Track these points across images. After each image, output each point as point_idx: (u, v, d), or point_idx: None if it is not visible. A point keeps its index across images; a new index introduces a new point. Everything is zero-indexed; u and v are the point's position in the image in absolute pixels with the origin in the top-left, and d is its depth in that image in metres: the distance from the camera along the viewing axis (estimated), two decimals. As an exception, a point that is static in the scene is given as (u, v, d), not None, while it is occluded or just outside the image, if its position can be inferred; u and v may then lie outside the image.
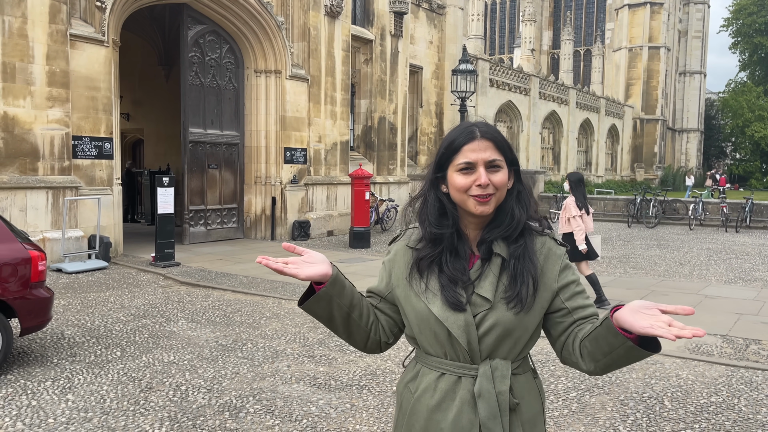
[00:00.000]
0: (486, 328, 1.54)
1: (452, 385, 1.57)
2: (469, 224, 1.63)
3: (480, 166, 1.55)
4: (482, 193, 1.54)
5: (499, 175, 1.57)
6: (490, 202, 1.56)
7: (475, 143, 1.57)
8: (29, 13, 9.87)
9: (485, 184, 1.54)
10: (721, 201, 18.97)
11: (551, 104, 34.65)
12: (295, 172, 15.11)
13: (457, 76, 16.89)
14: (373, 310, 1.72)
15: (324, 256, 1.61)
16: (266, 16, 13.99)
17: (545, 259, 1.62)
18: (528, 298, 1.55)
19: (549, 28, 53.50)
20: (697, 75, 54.20)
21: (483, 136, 1.58)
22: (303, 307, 1.63)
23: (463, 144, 1.58)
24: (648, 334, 1.32)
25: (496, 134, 1.59)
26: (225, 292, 8.91)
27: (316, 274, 1.56)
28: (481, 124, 1.62)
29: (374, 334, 1.72)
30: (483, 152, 1.56)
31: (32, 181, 10.05)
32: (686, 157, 53.87)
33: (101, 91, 11.03)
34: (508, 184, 1.60)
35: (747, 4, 52.06)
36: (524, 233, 1.61)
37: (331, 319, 1.66)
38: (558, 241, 1.67)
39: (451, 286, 1.57)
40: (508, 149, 1.60)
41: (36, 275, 5.40)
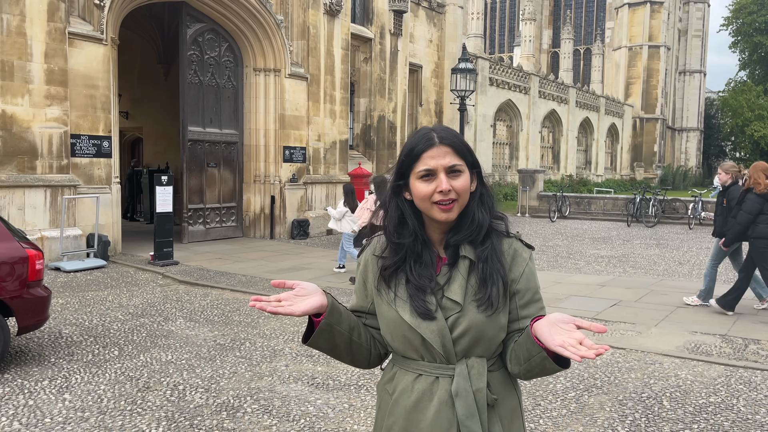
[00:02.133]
0: (460, 332, 1.55)
1: (429, 386, 1.58)
2: (435, 229, 1.63)
3: (440, 172, 1.54)
4: (444, 199, 1.54)
5: (461, 180, 1.56)
6: (453, 208, 1.56)
7: (434, 150, 1.56)
8: (28, 11, 9.85)
9: (446, 190, 1.53)
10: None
11: (551, 103, 34.64)
12: (295, 171, 15.09)
13: (457, 75, 16.87)
14: (365, 327, 1.71)
15: (315, 285, 1.57)
16: (265, 14, 13.96)
17: (512, 259, 1.63)
18: (498, 300, 1.56)
19: (549, 26, 53.45)
20: (697, 74, 54.19)
21: (441, 142, 1.57)
22: (308, 344, 1.62)
23: (422, 151, 1.57)
24: (558, 352, 1.35)
25: (455, 138, 1.59)
26: (224, 291, 8.89)
27: (311, 308, 1.52)
28: (439, 128, 1.61)
29: (374, 350, 1.72)
30: (442, 158, 1.55)
31: (30, 179, 10.04)
32: (686, 156, 53.87)
33: (100, 89, 11.00)
34: (471, 188, 1.60)
35: (747, 3, 51.98)
36: (491, 235, 1.62)
37: (335, 348, 1.64)
38: (525, 243, 1.67)
39: (418, 294, 1.57)
40: (468, 153, 1.60)
41: (33, 274, 5.39)
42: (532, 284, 1.64)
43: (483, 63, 27.59)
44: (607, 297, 8.58)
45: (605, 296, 8.61)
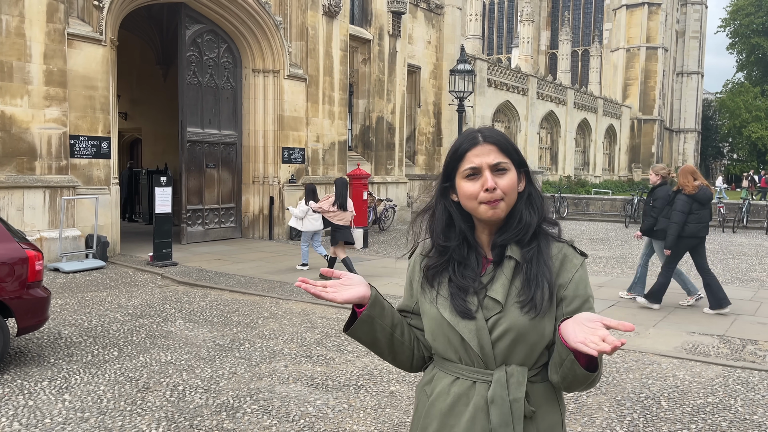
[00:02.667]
0: (499, 333, 1.52)
1: (466, 390, 1.56)
2: (483, 229, 1.61)
3: (485, 170, 1.54)
4: (490, 198, 1.52)
5: (507, 178, 1.55)
6: (499, 205, 1.54)
7: (478, 148, 1.56)
8: (27, 12, 9.85)
9: (491, 187, 1.52)
10: (718, 201, 19.01)
11: (549, 104, 34.69)
12: (293, 172, 15.10)
13: (455, 76, 16.90)
14: (410, 328, 1.71)
15: (362, 277, 1.61)
16: (264, 15, 13.98)
17: (561, 265, 1.57)
18: (543, 303, 1.51)
19: (547, 28, 53.54)
20: (695, 75, 54.32)
21: (486, 140, 1.56)
22: (348, 333, 1.64)
23: (467, 150, 1.57)
24: (578, 349, 1.31)
25: (500, 137, 1.58)
26: (222, 291, 8.90)
27: (354, 297, 1.55)
28: (484, 129, 1.61)
29: (417, 351, 1.71)
30: (487, 156, 1.54)
31: (29, 180, 10.04)
32: (683, 157, 53.97)
33: (99, 90, 11.01)
34: (519, 187, 1.58)
35: (744, 5, 52.15)
36: (538, 237, 1.58)
37: (375, 342, 1.65)
38: (578, 250, 1.61)
39: (459, 294, 1.56)
40: (514, 151, 1.58)
41: (33, 275, 5.40)
42: (582, 291, 1.56)
43: (481, 64, 27.63)
44: (605, 297, 8.60)
45: (604, 297, 8.64)
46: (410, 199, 21.30)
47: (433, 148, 24.14)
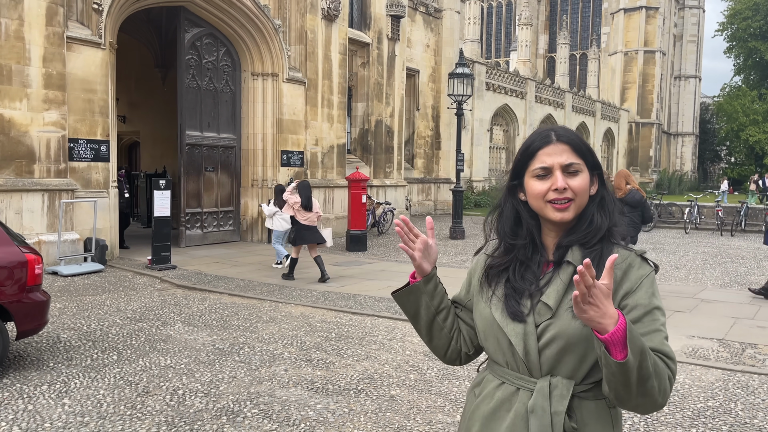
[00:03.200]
0: (547, 339, 1.46)
1: (509, 396, 1.52)
2: (550, 232, 1.57)
3: (556, 170, 1.50)
4: (559, 197, 1.49)
5: (578, 180, 1.50)
6: (569, 207, 1.50)
7: (550, 147, 1.52)
8: (26, 16, 9.85)
9: (562, 188, 1.48)
10: (716, 205, 19.04)
11: (547, 108, 34.75)
12: (292, 175, 15.08)
13: (454, 80, 16.91)
14: (456, 319, 1.72)
15: (436, 255, 1.66)
16: (263, 19, 13.99)
17: (623, 274, 1.48)
18: None
19: (545, 31, 53.65)
20: (692, 79, 54.46)
21: (559, 140, 1.53)
22: (394, 296, 1.69)
23: (538, 148, 1.53)
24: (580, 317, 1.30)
25: (575, 137, 1.54)
26: (221, 295, 8.89)
27: (423, 267, 1.62)
28: (558, 128, 1.57)
29: (455, 343, 1.71)
30: (559, 156, 1.51)
31: (28, 183, 10.02)
32: (681, 160, 54.08)
33: (98, 93, 11.01)
34: (591, 190, 1.54)
35: (742, 9, 52.27)
36: (603, 242, 1.52)
37: (417, 316, 1.68)
38: (648, 261, 1.52)
39: (514, 295, 1.54)
40: (588, 153, 1.54)
41: (32, 279, 5.38)
42: (644, 301, 1.45)
43: (479, 68, 27.67)
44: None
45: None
46: (409, 203, 21.31)
47: (431, 151, 24.16)
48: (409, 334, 6.80)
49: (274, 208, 10.82)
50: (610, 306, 1.29)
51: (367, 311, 7.91)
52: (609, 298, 1.29)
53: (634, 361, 1.28)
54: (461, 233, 16.41)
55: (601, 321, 1.29)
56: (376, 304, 8.37)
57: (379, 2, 17.87)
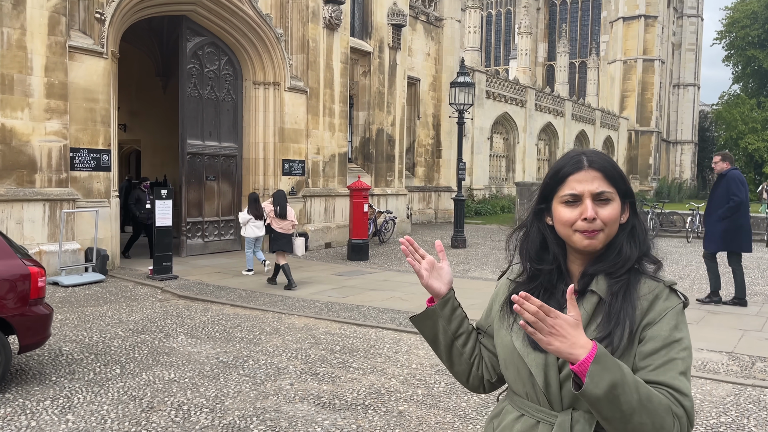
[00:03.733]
0: (569, 371, 1.38)
1: (529, 429, 1.48)
2: (576, 260, 1.52)
3: (586, 198, 1.45)
4: (588, 228, 1.43)
5: (609, 209, 1.45)
6: (597, 236, 1.44)
7: (581, 173, 1.47)
8: (28, 25, 9.82)
9: (591, 217, 1.43)
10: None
11: (547, 116, 34.79)
12: (294, 184, 15.06)
13: (455, 89, 16.91)
14: (479, 345, 1.68)
15: (452, 277, 1.64)
16: (265, 28, 13.99)
17: (649, 305, 1.43)
18: (621, 342, 1.37)
19: (544, 40, 53.82)
20: (691, 87, 54.60)
21: (591, 166, 1.47)
22: (412, 321, 1.67)
23: (569, 174, 1.48)
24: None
25: (607, 163, 1.49)
26: (224, 306, 8.82)
27: (433, 287, 1.60)
28: (590, 152, 1.52)
29: (476, 369, 1.67)
30: (590, 183, 1.45)
31: (29, 193, 9.96)
32: (680, 168, 54.14)
33: (100, 102, 10.97)
34: (621, 218, 1.49)
35: (740, 18, 52.47)
36: (630, 272, 1.46)
37: (436, 342, 1.65)
38: (677, 293, 1.46)
39: None
40: (620, 180, 1.49)
41: (35, 291, 5.32)
42: (664, 333, 1.39)
43: (480, 76, 27.71)
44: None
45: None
46: (410, 211, 21.26)
47: (432, 159, 24.15)
48: (414, 347, 6.73)
49: (247, 215, 11.13)
50: (579, 336, 1.28)
51: (371, 323, 7.84)
52: (577, 329, 1.29)
53: (603, 392, 1.24)
54: (463, 242, 16.35)
55: (572, 351, 1.27)
56: (380, 315, 8.31)
57: (380, 11, 17.89)
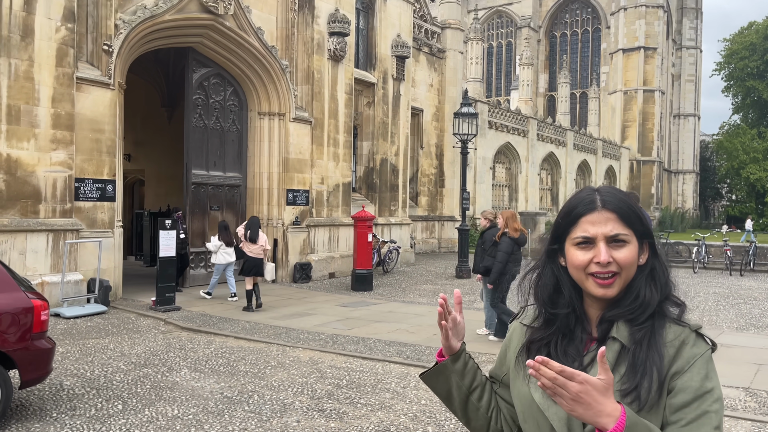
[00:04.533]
0: None
1: None
2: (592, 303, 1.43)
3: (600, 241, 1.36)
4: (602, 272, 1.36)
5: (625, 252, 1.36)
6: (613, 284, 1.36)
7: (594, 214, 1.39)
8: (36, 57, 9.89)
9: (605, 261, 1.34)
10: (724, 244, 18.88)
11: (549, 146, 34.91)
12: (298, 214, 15.01)
13: (459, 119, 16.99)
14: (495, 396, 1.59)
15: (465, 332, 1.58)
16: (271, 59, 14.10)
17: (676, 352, 1.34)
18: (649, 395, 1.29)
19: (545, 71, 54.37)
20: (692, 117, 54.93)
21: (605, 206, 1.39)
22: (422, 378, 1.60)
23: (581, 215, 1.40)
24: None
25: (622, 203, 1.40)
26: (227, 338, 8.68)
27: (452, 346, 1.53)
28: (604, 190, 1.44)
29: (495, 423, 1.57)
30: (604, 225, 1.37)
31: (33, 224, 9.90)
32: (683, 198, 54.11)
33: (105, 133, 10.99)
34: (639, 260, 1.40)
35: (738, 49, 53.08)
36: (654, 317, 1.37)
37: (450, 398, 1.58)
38: (704, 337, 1.37)
39: None
40: (637, 220, 1.40)
41: (38, 325, 5.22)
42: (694, 384, 1.30)
43: (482, 106, 27.88)
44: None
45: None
46: (413, 241, 21.16)
47: (435, 189, 24.15)
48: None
49: (218, 242, 11.41)
50: (607, 403, 1.19)
51: (377, 356, 7.69)
52: (606, 394, 1.19)
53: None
54: (467, 272, 16.22)
55: (598, 420, 1.18)
56: (386, 348, 8.16)
57: (384, 43, 18.07)
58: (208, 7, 12.51)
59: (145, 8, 11.58)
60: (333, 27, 15.40)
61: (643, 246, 1.41)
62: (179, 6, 12.13)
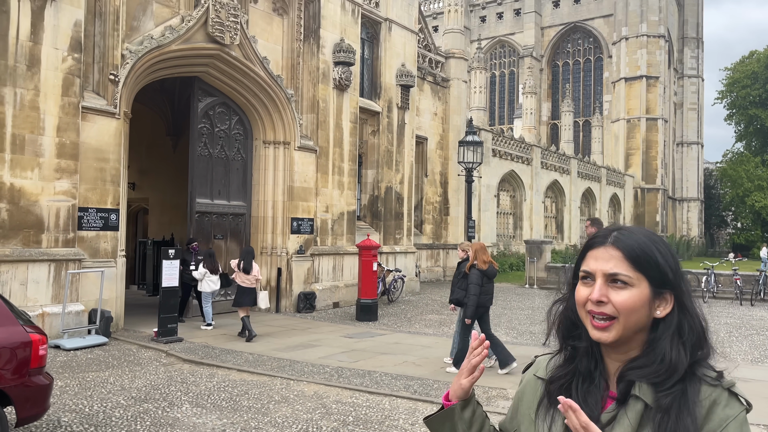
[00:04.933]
0: None
1: None
2: (607, 350, 1.33)
3: (598, 277, 1.29)
4: (596, 311, 1.27)
5: (624, 295, 1.26)
6: (608, 328, 1.26)
7: (600, 249, 1.32)
8: (42, 86, 9.89)
9: (595, 299, 1.27)
10: (734, 273, 18.65)
11: (553, 173, 34.88)
12: (302, 242, 14.88)
13: (464, 148, 16.97)
14: None
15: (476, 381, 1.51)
16: (276, 89, 14.13)
17: (706, 412, 1.22)
18: None
19: (548, 99, 54.69)
20: (695, 145, 55.01)
21: (614, 243, 1.31)
22: (426, 422, 1.50)
23: (589, 248, 1.35)
24: None
25: (636, 244, 1.29)
26: (230, 371, 8.48)
27: (464, 386, 1.44)
28: (626, 229, 1.35)
29: None
30: (605, 262, 1.29)
31: (35, 253, 9.79)
32: (688, 225, 53.87)
33: (110, 162, 10.94)
34: (657, 311, 1.28)
35: (740, 78, 53.39)
36: (685, 378, 1.25)
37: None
38: (739, 396, 1.25)
39: None
40: (651, 266, 1.28)
41: (36, 360, 5.06)
42: None
43: (486, 135, 27.92)
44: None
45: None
46: (418, 269, 20.97)
47: (440, 217, 24.04)
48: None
49: (203, 270, 11.50)
50: None
51: (384, 390, 7.48)
52: None
53: None
54: (473, 302, 15.99)
55: None
56: (393, 382, 7.95)
57: (389, 72, 18.16)
58: (214, 37, 12.58)
59: (152, 38, 11.64)
60: (338, 56, 15.47)
61: (664, 296, 1.28)
62: (186, 36, 12.20)
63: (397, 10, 18.37)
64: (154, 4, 12.06)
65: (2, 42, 9.43)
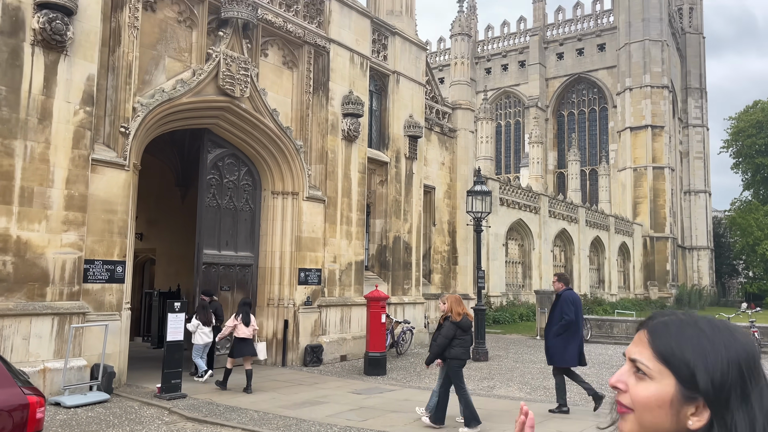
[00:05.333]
0: None
1: None
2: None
3: (627, 361, 1.20)
4: (617, 398, 1.18)
5: (642, 388, 1.12)
6: (624, 416, 1.14)
7: (639, 333, 1.22)
8: (53, 139, 9.93)
9: (611, 383, 1.19)
10: (751, 325, 18.20)
11: (561, 222, 34.75)
12: (309, 293, 14.66)
13: (472, 197, 16.89)
14: None
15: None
16: (285, 140, 14.20)
17: None
18: None
19: (554, 148, 55.05)
20: (702, 194, 54.95)
21: (647, 325, 1.20)
22: None
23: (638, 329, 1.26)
24: None
25: (665, 329, 1.14)
26: (234, 430, 8.17)
27: None
28: (674, 314, 1.21)
29: None
30: (635, 345, 1.20)
31: (39, 307, 9.62)
32: (698, 274, 53.25)
33: (118, 214, 10.89)
34: (690, 422, 1.08)
35: (745, 127, 53.75)
36: None
37: None
38: None
39: None
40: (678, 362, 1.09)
41: (33, 423, 4.84)
42: None
43: (493, 184, 27.97)
44: None
45: None
46: (427, 320, 20.61)
47: (448, 266, 23.81)
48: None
49: (196, 322, 11.53)
50: None
51: (395, 453, 7.15)
52: None
53: None
54: (485, 354, 15.65)
55: None
56: (404, 443, 7.61)
57: (397, 123, 18.29)
58: (224, 90, 12.72)
59: (163, 91, 11.76)
60: (347, 108, 15.61)
61: (693, 402, 1.08)
62: (197, 89, 12.33)
63: (404, 63, 18.65)
64: (167, 58, 12.25)
65: (14, 95, 9.51)
